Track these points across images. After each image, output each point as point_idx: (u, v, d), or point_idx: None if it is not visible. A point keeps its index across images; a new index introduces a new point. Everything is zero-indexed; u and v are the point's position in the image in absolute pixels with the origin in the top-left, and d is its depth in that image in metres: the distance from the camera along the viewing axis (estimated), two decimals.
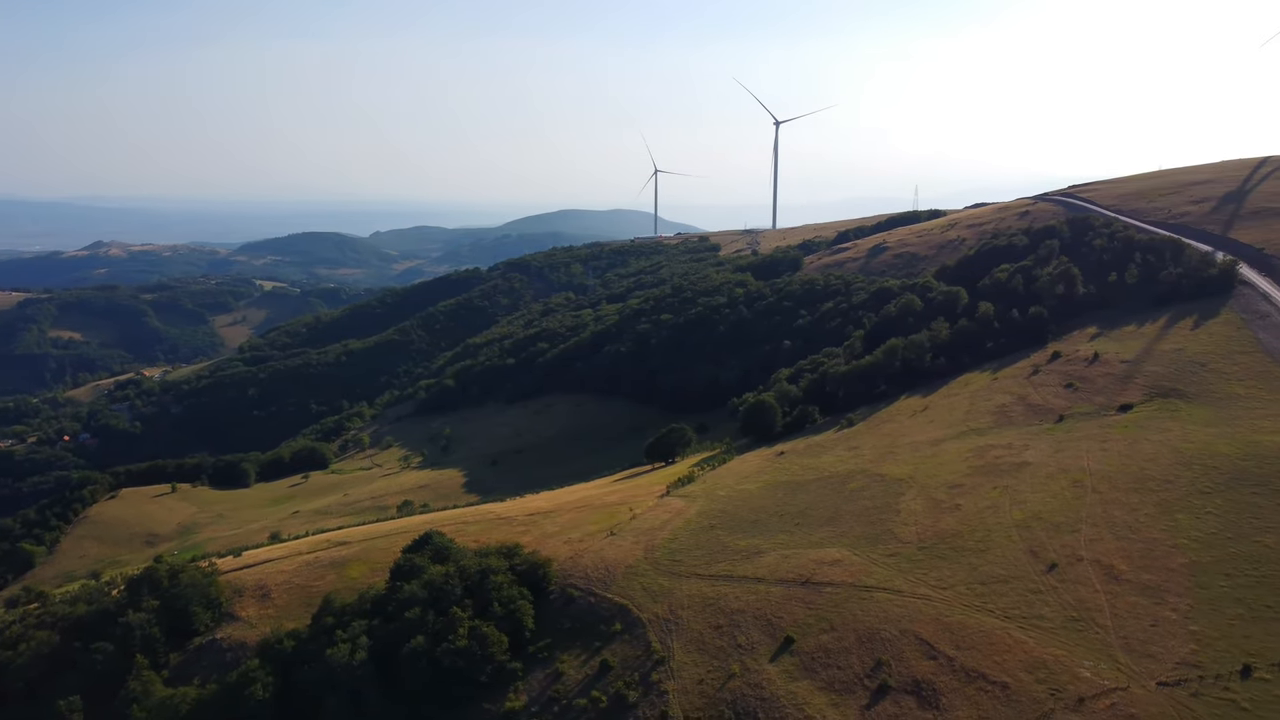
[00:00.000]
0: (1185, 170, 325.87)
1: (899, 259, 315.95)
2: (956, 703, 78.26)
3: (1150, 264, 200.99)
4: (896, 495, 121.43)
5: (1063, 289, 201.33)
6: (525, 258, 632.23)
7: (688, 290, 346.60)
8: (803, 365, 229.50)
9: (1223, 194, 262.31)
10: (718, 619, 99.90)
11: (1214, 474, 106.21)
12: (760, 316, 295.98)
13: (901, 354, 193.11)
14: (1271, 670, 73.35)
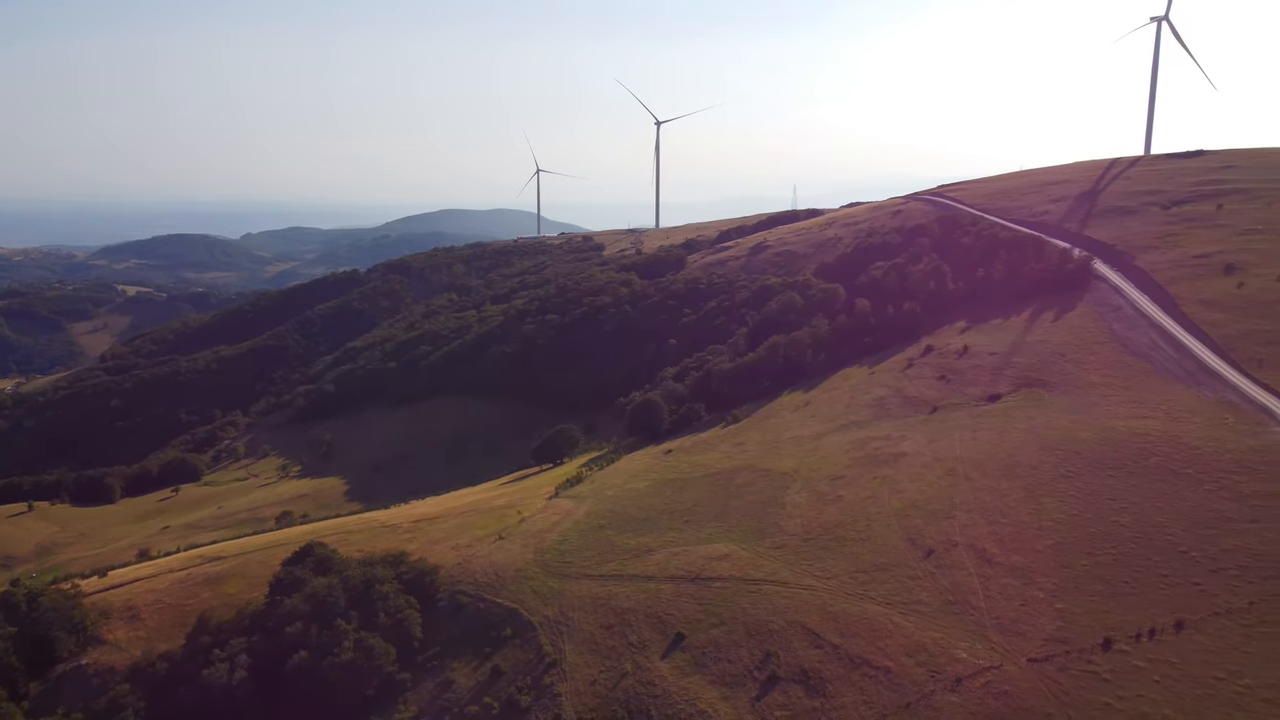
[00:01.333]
0: (1044, 170, 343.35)
1: (780, 257, 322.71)
2: (842, 689, 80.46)
3: (1013, 260, 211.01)
4: (781, 489, 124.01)
5: (934, 285, 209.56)
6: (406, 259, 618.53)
7: (573, 290, 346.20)
8: (688, 363, 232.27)
9: (1078, 193, 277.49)
10: (609, 619, 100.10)
11: (1075, 459, 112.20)
12: (645, 315, 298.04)
13: (783, 350, 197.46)
14: (1130, 642, 77.96)
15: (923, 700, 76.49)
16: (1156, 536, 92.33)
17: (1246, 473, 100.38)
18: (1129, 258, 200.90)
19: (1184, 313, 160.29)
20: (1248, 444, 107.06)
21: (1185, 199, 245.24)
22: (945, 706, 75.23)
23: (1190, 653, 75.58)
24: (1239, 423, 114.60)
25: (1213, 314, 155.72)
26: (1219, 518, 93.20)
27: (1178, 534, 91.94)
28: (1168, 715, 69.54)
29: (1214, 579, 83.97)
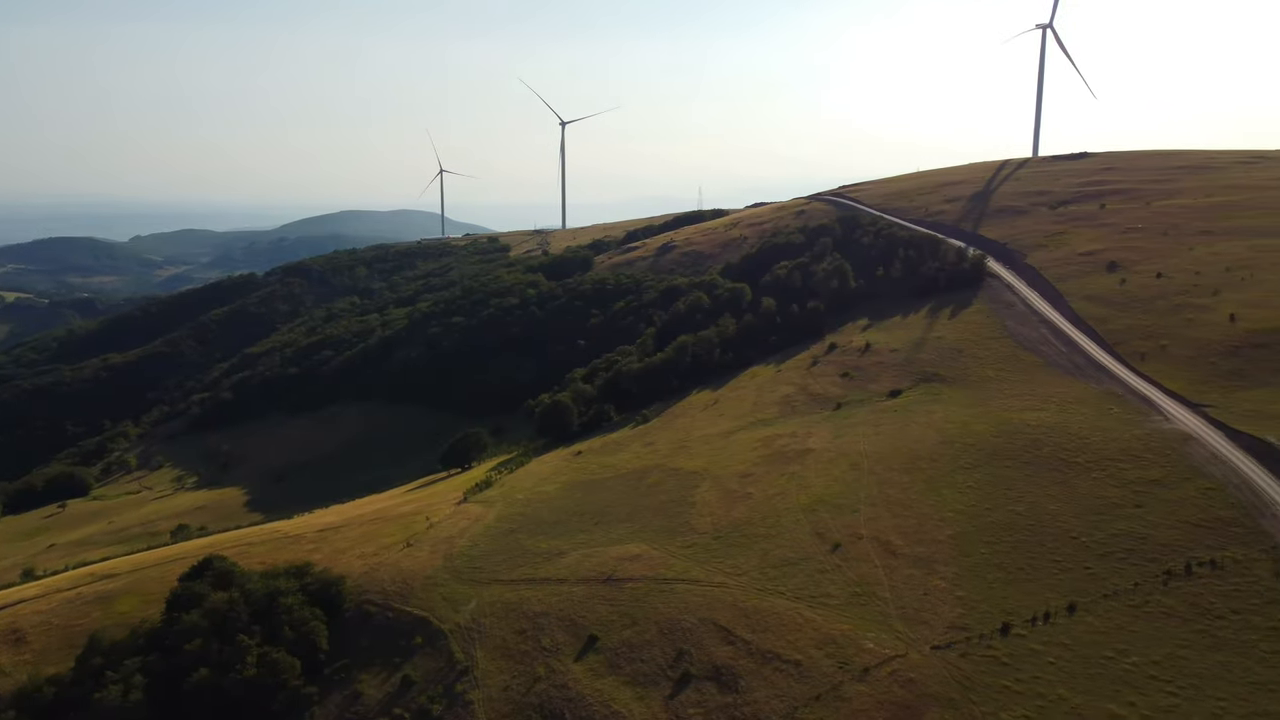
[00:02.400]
0: (940, 172, 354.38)
1: (686, 257, 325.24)
2: (754, 684, 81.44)
3: (912, 259, 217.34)
4: (691, 488, 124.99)
5: (836, 284, 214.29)
6: (305, 261, 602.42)
7: (479, 292, 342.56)
8: (597, 364, 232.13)
9: (971, 194, 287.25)
10: (521, 623, 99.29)
11: (972, 451, 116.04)
12: (553, 316, 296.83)
13: (691, 350, 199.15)
14: (1026, 626, 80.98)
15: (832, 691, 77.99)
16: (1049, 524, 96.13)
17: (1131, 460, 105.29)
18: (1020, 256, 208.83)
19: (1071, 308, 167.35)
20: (1132, 433, 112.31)
21: (1071, 199, 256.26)
22: (854, 696, 76.87)
23: (1082, 634, 78.90)
24: (1123, 413, 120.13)
25: (1098, 309, 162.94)
26: (1107, 504, 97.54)
27: (1069, 521, 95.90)
28: (1062, 695, 72.41)
29: (1103, 563, 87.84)
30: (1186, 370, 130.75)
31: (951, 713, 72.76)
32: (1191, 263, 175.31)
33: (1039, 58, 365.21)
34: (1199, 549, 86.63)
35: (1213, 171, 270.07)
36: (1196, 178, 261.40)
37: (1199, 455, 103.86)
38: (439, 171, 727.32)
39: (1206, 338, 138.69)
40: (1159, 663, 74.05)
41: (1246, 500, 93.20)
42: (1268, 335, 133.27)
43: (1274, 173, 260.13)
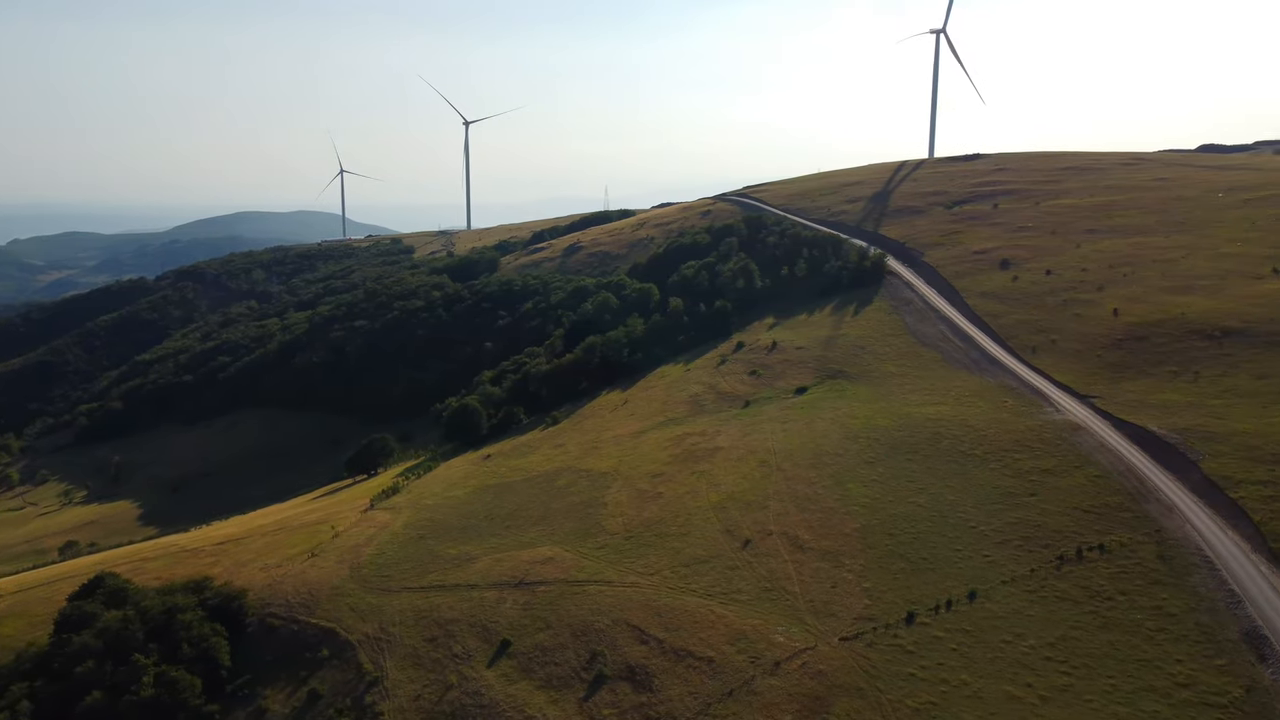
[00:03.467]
0: (841, 173, 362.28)
1: (594, 257, 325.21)
2: (668, 682, 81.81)
3: (816, 258, 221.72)
4: (603, 489, 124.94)
5: (743, 283, 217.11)
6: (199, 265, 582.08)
7: (383, 294, 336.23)
8: (505, 366, 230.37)
9: (871, 194, 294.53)
10: (432, 631, 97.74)
11: (876, 445, 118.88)
12: (460, 319, 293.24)
13: (600, 350, 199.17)
14: (930, 614, 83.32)
15: (744, 686, 78.87)
16: (949, 514, 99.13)
17: (1025, 451, 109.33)
18: (918, 254, 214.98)
19: (967, 305, 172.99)
20: (1025, 424, 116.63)
21: (965, 199, 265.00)
22: (765, 690, 77.89)
23: (982, 620, 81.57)
24: (1017, 405, 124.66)
25: (992, 305, 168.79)
26: (1003, 493, 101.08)
27: (968, 510, 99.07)
28: (964, 680, 74.72)
29: (1000, 550, 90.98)
30: (1075, 363, 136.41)
31: (860, 702, 74.36)
32: (1078, 260, 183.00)
33: (933, 62, 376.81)
34: (1089, 534, 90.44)
35: (1096, 173, 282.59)
36: (1082, 179, 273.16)
37: (1087, 444, 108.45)
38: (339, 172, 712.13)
39: (1093, 332, 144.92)
40: (1054, 644, 77.03)
41: (1132, 486, 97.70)
42: (1148, 328, 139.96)
43: (1152, 174, 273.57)
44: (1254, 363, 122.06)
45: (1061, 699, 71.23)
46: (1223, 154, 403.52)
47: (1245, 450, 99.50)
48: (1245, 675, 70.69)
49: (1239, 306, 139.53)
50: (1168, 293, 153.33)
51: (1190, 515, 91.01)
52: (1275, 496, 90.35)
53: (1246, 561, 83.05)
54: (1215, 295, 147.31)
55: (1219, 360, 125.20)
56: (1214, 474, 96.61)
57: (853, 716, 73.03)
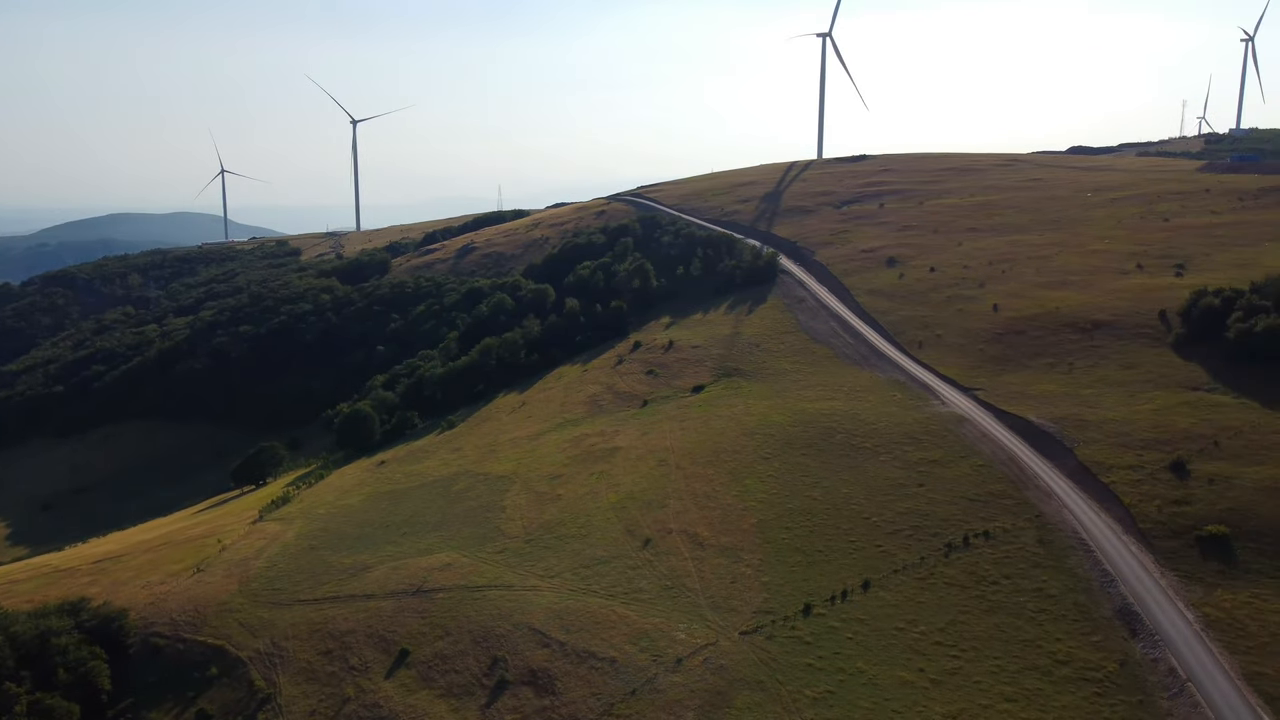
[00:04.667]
0: (733, 173, 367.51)
1: (488, 259, 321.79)
2: (571, 685, 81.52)
3: (710, 258, 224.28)
4: (501, 492, 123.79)
5: (639, 283, 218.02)
6: (70, 269, 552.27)
7: (269, 298, 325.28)
8: (399, 370, 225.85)
9: (763, 194, 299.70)
10: (327, 644, 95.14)
11: (772, 442, 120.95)
12: (350, 322, 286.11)
13: (496, 353, 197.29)
14: (826, 605, 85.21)
15: (647, 684, 79.18)
16: (844, 506, 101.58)
17: (913, 443, 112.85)
18: (809, 253, 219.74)
19: (857, 302, 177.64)
20: (913, 417, 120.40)
21: (853, 199, 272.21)
22: (668, 687, 78.35)
23: (876, 609, 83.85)
24: (906, 399, 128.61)
25: (880, 302, 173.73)
26: (893, 485, 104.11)
27: (861, 502, 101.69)
28: (860, 667, 76.66)
29: (892, 540, 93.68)
30: (959, 357, 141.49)
31: (760, 694, 75.50)
32: (960, 257, 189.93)
33: (820, 65, 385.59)
34: (974, 521, 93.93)
35: (976, 173, 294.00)
36: (962, 179, 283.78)
37: (971, 435, 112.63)
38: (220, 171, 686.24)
39: (975, 326, 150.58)
40: (943, 629, 79.72)
41: (1013, 474, 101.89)
42: (1025, 323, 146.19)
43: (1027, 174, 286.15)
44: (1121, 353, 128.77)
45: (952, 681, 73.76)
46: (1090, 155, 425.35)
47: (1115, 437, 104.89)
48: (1119, 650, 74.48)
49: (1107, 300, 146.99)
50: (1043, 288, 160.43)
51: (1067, 500, 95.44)
52: (1143, 480, 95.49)
53: (1118, 542, 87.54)
54: (1086, 290, 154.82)
55: (1090, 352, 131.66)
56: (1087, 460, 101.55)
57: (753, 709, 74.11)
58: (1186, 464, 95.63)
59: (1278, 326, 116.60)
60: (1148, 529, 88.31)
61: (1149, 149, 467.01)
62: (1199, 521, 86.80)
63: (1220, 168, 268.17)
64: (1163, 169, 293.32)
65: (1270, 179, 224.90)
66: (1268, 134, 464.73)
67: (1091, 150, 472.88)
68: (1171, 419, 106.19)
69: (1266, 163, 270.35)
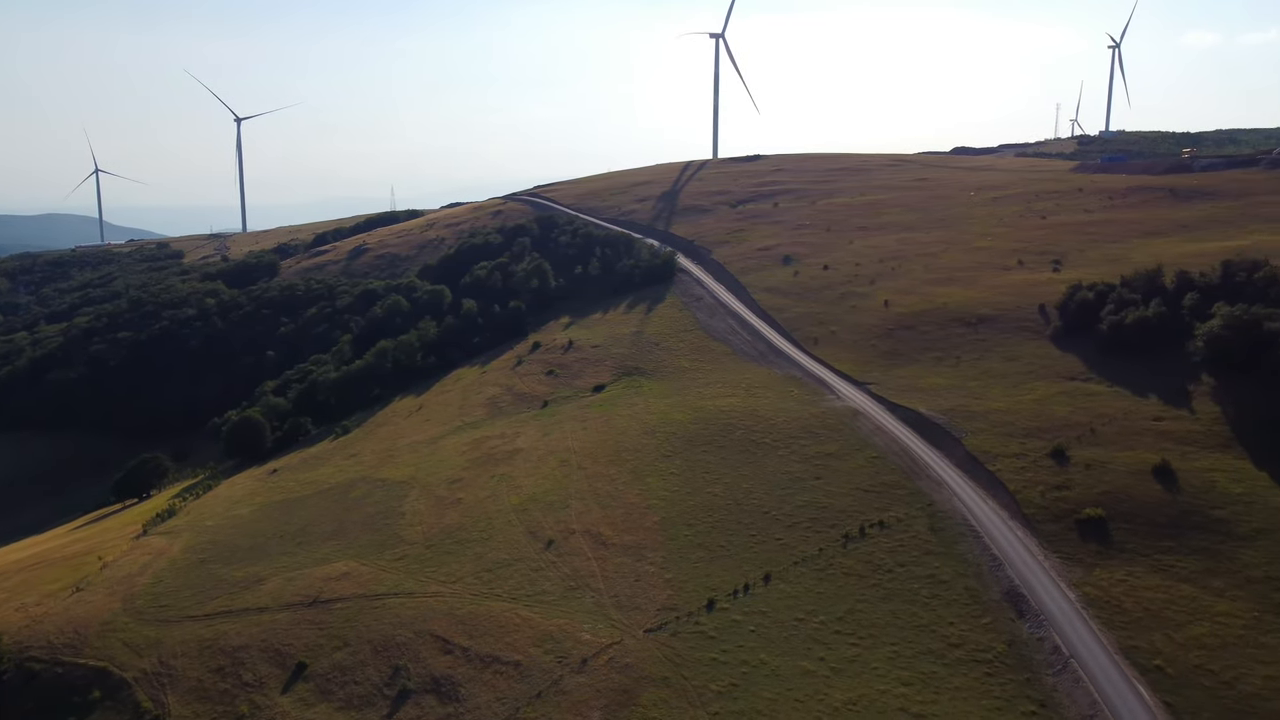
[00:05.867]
0: (630, 172, 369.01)
1: (381, 260, 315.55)
2: (475, 691, 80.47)
3: (609, 257, 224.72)
4: (400, 498, 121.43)
5: (537, 283, 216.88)
6: None
7: (149, 303, 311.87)
8: (290, 375, 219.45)
9: (660, 193, 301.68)
10: (219, 660, 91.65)
11: (673, 439, 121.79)
12: (237, 327, 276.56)
13: (392, 355, 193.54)
14: (729, 599, 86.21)
15: (553, 687, 78.74)
16: (744, 501, 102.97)
17: (810, 437, 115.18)
18: (707, 252, 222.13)
19: (754, 300, 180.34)
20: (810, 412, 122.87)
21: (748, 198, 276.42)
22: (574, 689, 78.06)
23: (777, 601, 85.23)
24: (802, 394, 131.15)
25: (776, 300, 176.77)
26: (792, 478, 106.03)
27: (761, 497, 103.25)
28: (763, 659, 77.80)
29: (791, 533, 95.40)
30: (852, 352, 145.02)
31: (666, 690, 75.89)
32: (852, 255, 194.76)
33: (714, 65, 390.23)
34: (870, 512, 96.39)
35: (865, 173, 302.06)
36: (853, 179, 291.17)
37: (866, 428, 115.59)
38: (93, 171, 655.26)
39: (867, 322, 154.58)
40: (842, 618, 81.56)
41: (906, 465, 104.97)
42: (914, 318, 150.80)
43: (914, 174, 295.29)
44: (1004, 346, 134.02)
45: (851, 669, 75.51)
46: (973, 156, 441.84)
47: (1000, 426, 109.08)
48: (1007, 631, 77.45)
49: (991, 295, 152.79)
50: (931, 284, 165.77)
51: (956, 489, 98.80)
52: (1026, 467, 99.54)
53: (1004, 527, 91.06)
54: (971, 286, 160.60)
55: (975, 345, 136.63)
56: (975, 449, 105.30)
57: (659, 705, 74.45)
58: (1066, 451, 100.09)
59: (1146, 318, 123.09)
60: (1031, 514, 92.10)
61: (1026, 149, 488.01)
62: (1078, 505, 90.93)
63: (1091, 168, 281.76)
64: (1039, 169, 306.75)
65: (1137, 179, 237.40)
66: (1134, 136, 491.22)
67: (974, 151, 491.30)
68: (1051, 408, 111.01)
69: (1133, 163, 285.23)
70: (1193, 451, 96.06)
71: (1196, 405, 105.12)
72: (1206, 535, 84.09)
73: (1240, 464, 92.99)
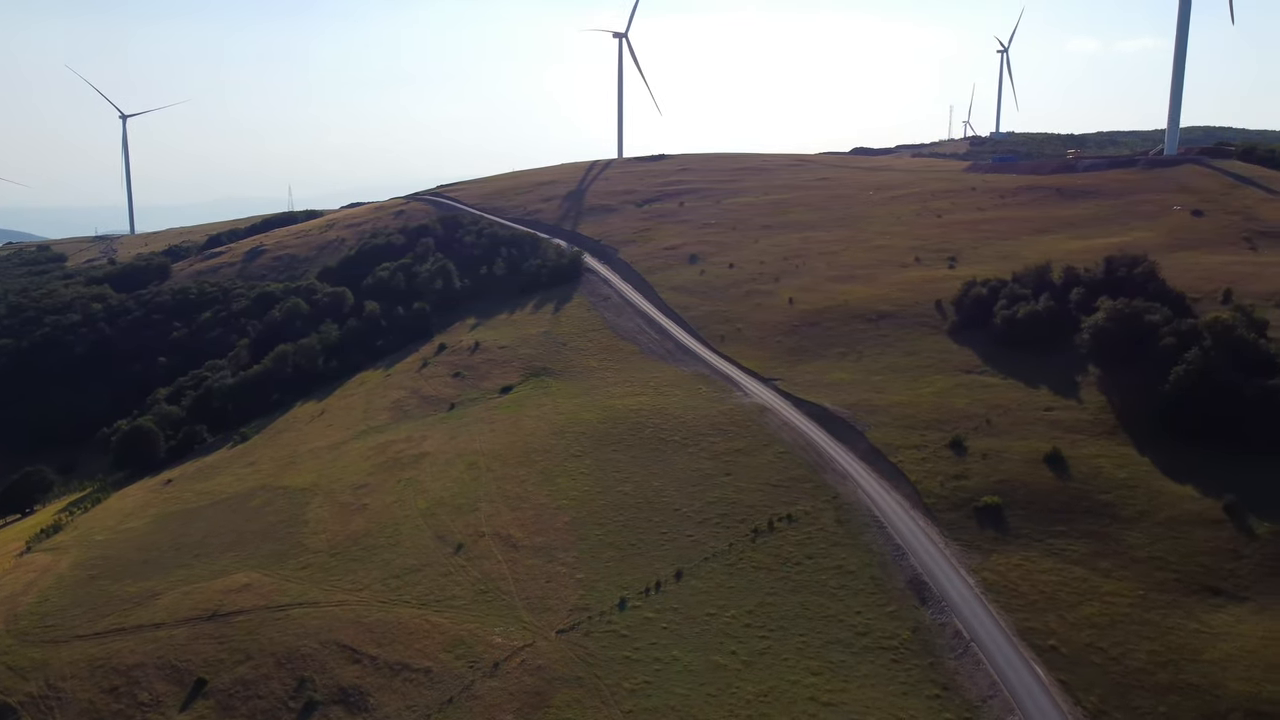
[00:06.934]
0: (535, 171, 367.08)
1: (279, 261, 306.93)
2: (384, 699, 78.85)
3: (514, 257, 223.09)
4: (303, 505, 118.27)
5: (441, 284, 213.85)
6: None
7: (30, 309, 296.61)
8: (184, 382, 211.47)
9: (566, 193, 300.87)
10: (112, 680, 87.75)
11: (582, 439, 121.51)
12: (127, 333, 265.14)
13: (292, 359, 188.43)
14: (640, 597, 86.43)
15: (464, 692, 77.71)
16: (655, 499, 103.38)
17: (719, 434, 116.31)
18: (614, 251, 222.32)
19: (661, 298, 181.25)
20: (718, 409, 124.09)
21: (654, 198, 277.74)
22: (486, 693, 77.19)
23: (689, 596, 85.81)
24: (711, 391, 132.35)
25: (683, 298, 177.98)
26: (701, 475, 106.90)
27: (671, 494, 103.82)
28: (675, 655, 78.22)
29: (702, 529, 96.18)
30: (758, 349, 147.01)
31: (579, 690, 75.65)
32: (757, 254, 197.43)
33: (618, 64, 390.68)
34: (778, 506, 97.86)
35: (769, 173, 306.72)
36: (757, 178, 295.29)
37: (773, 424, 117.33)
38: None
39: (772, 320, 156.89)
40: (752, 611, 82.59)
41: (812, 459, 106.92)
42: (817, 315, 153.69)
43: (816, 174, 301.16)
44: (904, 341, 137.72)
45: (762, 661, 76.51)
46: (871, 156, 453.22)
47: (901, 419, 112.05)
48: (911, 618, 79.61)
49: (890, 292, 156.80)
50: (833, 282, 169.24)
51: (861, 481, 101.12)
52: (927, 458, 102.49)
53: (907, 517, 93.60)
54: (871, 283, 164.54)
55: (877, 340, 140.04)
56: (878, 442, 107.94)
57: (573, 705, 74.17)
58: (964, 441, 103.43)
59: (1037, 313, 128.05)
60: (932, 503, 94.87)
61: (922, 150, 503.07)
62: (976, 494, 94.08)
63: (983, 168, 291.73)
64: (935, 169, 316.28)
65: (1026, 179, 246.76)
66: (1022, 138, 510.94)
67: (872, 151, 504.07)
68: (950, 400, 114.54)
69: (1022, 164, 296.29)
70: (1081, 439, 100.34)
71: (1084, 395, 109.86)
72: (1095, 519, 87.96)
73: (1124, 450, 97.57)
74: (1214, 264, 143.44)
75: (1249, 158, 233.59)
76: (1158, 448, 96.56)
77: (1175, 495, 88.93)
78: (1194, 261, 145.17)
